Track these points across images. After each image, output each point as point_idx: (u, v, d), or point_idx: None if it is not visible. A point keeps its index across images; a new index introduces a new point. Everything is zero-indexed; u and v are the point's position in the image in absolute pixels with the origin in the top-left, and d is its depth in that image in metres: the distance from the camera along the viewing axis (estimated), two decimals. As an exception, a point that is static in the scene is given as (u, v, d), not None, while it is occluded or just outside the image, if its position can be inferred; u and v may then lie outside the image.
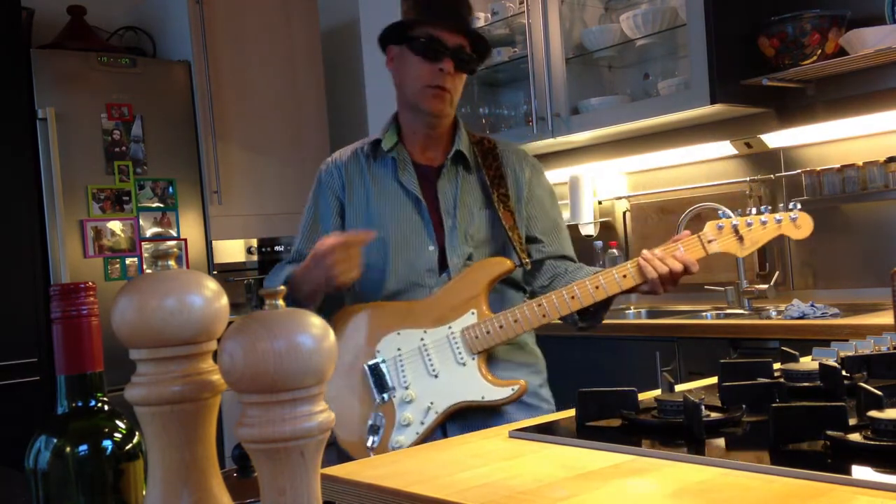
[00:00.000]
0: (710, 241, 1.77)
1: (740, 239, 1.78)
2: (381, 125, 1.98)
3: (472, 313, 1.77)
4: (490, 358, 1.81)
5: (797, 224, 1.79)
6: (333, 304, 1.90)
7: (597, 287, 1.73)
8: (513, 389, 1.74)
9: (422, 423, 1.75)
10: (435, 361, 1.78)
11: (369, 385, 1.79)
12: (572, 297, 1.74)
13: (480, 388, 1.75)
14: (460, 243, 1.84)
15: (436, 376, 1.77)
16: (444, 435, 1.76)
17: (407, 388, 1.77)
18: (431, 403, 1.76)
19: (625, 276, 1.73)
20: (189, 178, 3.77)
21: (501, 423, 1.70)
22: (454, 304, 1.79)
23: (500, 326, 1.74)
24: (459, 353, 1.76)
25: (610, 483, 0.92)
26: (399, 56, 1.86)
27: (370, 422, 1.77)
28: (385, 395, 1.78)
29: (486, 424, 1.61)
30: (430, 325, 1.79)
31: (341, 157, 1.95)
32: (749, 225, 1.77)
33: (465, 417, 1.78)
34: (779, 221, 1.78)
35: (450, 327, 1.78)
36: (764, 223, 1.78)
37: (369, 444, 1.75)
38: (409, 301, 1.83)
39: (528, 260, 1.84)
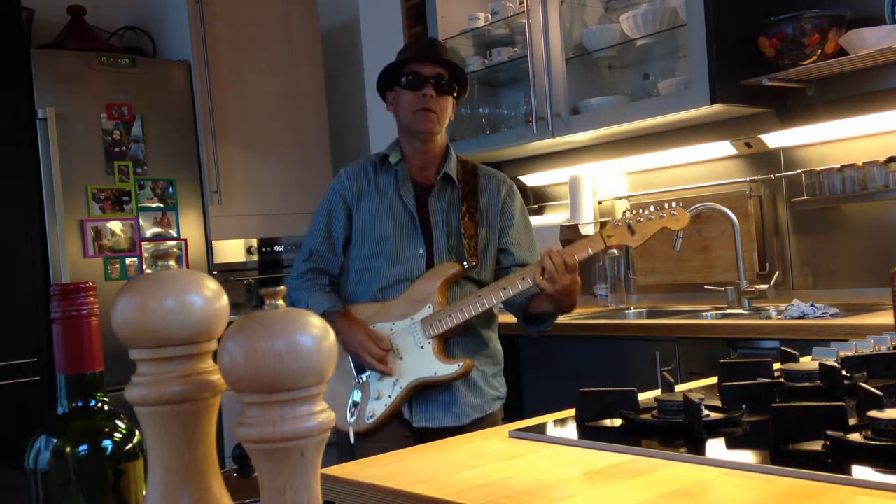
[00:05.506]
0: (609, 237, 2.17)
1: (633, 232, 2.18)
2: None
3: (429, 307, 2.18)
4: (454, 347, 2.21)
5: (676, 217, 2.21)
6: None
7: (522, 279, 2.12)
8: (458, 366, 2.15)
9: (390, 396, 2.17)
10: (400, 347, 2.19)
11: (351, 369, 2.22)
12: (504, 288, 2.14)
13: (434, 366, 2.16)
14: (443, 249, 2.23)
15: (401, 358, 2.18)
16: (410, 409, 2.19)
17: None
18: (397, 380, 2.17)
19: (542, 271, 2.08)
20: (189, 178, 3.77)
21: (454, 401, 2.18)
22: (415, 301, 2.20)
23: (450, 315, 2.15)
24: (419, 339, 2.17)
25: (610, 483, 0.93)
26: (394, 96, 2.28)
27: (352, 398, 2.19)
28: (363, 376, 2.21)
29: (440, 401, 2.18)
30: (398, 319, 2.20)
31: (353, 169, 2.32)
32: (639, 221, 2.19)
33: (426, 393, 2.19)
34: (661, 217, 2.20)
35: (412, 319, 2.19)
36: (650, 219, 2.19)
37: (350, 419, 2.16)
38: (382, 301, 2.23)
39: (475, 263, 2.22)
